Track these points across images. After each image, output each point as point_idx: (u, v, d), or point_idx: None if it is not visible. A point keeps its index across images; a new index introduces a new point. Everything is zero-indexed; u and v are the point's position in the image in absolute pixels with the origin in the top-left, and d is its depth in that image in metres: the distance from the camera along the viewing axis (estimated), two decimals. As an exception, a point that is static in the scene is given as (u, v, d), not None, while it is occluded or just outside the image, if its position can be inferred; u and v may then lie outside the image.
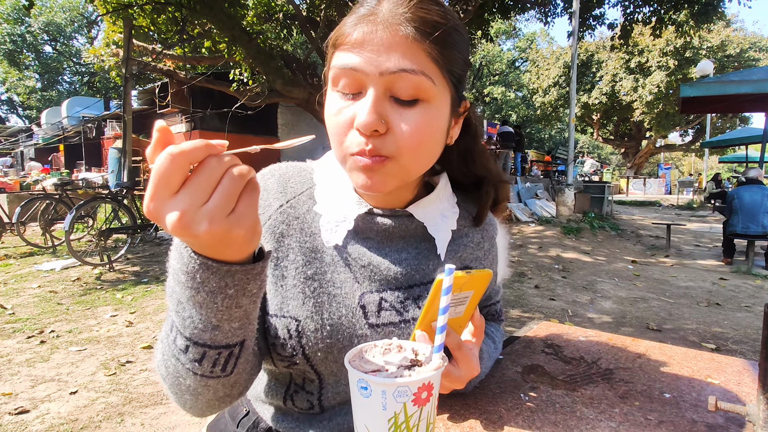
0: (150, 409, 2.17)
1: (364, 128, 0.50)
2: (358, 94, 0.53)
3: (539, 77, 22.70)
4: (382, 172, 0.53)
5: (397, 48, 0.50)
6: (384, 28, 0.50)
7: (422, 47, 0.51)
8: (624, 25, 8.76)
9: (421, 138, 0.53)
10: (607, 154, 45.31)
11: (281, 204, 0.63)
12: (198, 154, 0.36)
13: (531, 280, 4.79)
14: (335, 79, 0.54)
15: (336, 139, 0.55)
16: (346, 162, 0.55)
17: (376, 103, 0.51)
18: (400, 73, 0.50)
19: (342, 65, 0.52)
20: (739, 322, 3.53)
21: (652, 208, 15.00)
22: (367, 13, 0.52)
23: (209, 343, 0.46)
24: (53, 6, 26.46)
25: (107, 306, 3.73)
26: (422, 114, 0.52)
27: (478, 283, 0.51)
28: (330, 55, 0.56)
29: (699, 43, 18.03)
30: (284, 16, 9.19)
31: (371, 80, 0.51)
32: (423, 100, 0.52)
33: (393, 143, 0.52)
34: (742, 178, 5.85)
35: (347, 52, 0.52)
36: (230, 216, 0.37)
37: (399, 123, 0.52)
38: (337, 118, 0.54)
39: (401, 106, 0.52)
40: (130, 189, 5.56)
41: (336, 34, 0.54)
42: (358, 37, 0.51)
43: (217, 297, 0.42)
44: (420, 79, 0.51)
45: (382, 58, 0.50)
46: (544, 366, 0.80)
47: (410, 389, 0.42)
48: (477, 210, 0.70)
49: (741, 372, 0.79)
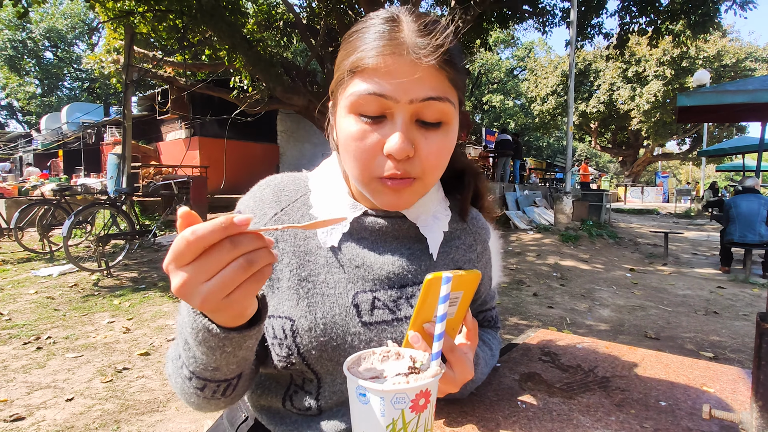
0: (146, 416, 2.16)
1: (398, 155, 0.53)
2: (381, 118, 0.54)
3: (537, 86, 22.86)
4: (408, 192, 0.57)
5: (424, 78, 0.53)
6: (409, 60, 0.52)
7: (445, 75, 0.54)
8: (621, 35, 8.85)
9: (442, 157, 0.58)
10: (605, 162, 45.49)
11: (276, 212, 0.65)
12: (213, 237, 0.37)
13: (529, 288, 4.79)
14: (356, 104, 0.54)
15: (360, 163, 0.56)
16: (371, 184, 0.57)
17: (406, 130, 0.54)
18: (428, 102, 0.53)
19: (369, 92, 0.53)
20: (737, 331, 3.53)
21: (650, 216, 15.04)
22: (388, 41, 0.53)
23: (210, 378, 0.51)
24: (54, 13, 26.59)
25: (104, 312, 3.72)
26: (444, 135, 0.57)
27: (467, 283, 0.52)
28: (347, 79, 0.56)
29: (696, 53, 18.21)
30: (284, 24, 9.26)
31: (399, 108, 0.53)
32: (445, 123, 0.56)
33: (419, 165, 0.56)
34: (739, 187, 5.87)
35: (372, 80, 0.53)
36: (224, 299, 0.39)
37: (424, 146, 0.55)
38: (363, 144, 0.55)
39: (426, 129, 0.55)
40: (128, 195, 5.56)
41: (354, 59, 0.54)
42: (383, 66, 0.52)
43: (216, 352, 0.47)
44: (444, 105, 0.55)
45: (411, 87, 0.52)
46: (541, 374, 0.81)
47: (408, 396, 0.43)
48: (461, 203, 0.73)
49: (736, 380, 0.80)
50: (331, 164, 0.70)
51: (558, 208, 8.15)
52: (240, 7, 7.61)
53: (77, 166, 15.27)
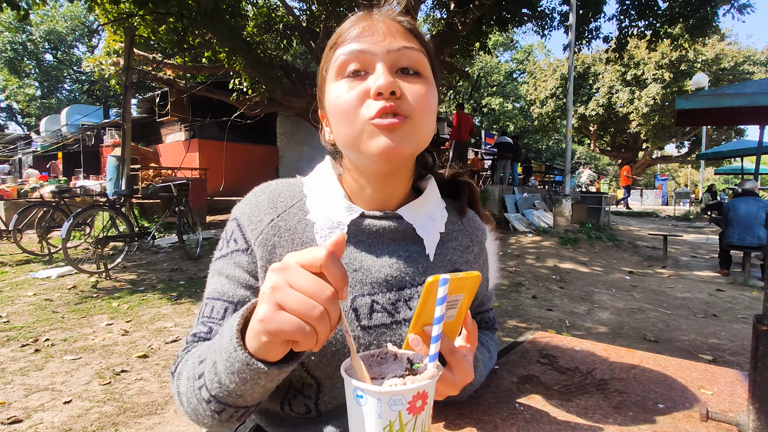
0: (144, 419, 2.15)
1: (386, 89, 0.56)
2: (365, 74, 0.59)
3: (536, 88, 22.91)
4: (402, 132, 0.58)
5: (396, 33, 0.60)
6: (382, 22, 0.60)
7: (414, 33, 0.62)
8: (620, 38, 8.88)
9: (427, 102, 0.60)
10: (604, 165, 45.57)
11: (272, 218, 0.65)
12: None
13: (528, 291, 4.78)
14: (341, 65, 0.59)
15: (351, 113, 0.58)
16: (364, 132, 0.58)
17: (388, 72, 0.58)
18: (404, 50, 0.59)
19: (349, 51, 0.59)
20: (736, 334, 3.53)
21: (649, 219, 15.05)
22: (361, 16, 0.62)
23: (231, 404, 0.51)
24: (55, 15, 26.62)
25: (103, 314, 3.71)
26: (423, 85, 0.60)
27: (467, 286, 0.52)
28: (330, 54, 0.62)
29: (694, 56, 18.27)
30: (284, 26, 9.29)
31: (378, 58, 0.58)
32: (422, 75, 0.61)
33: (407, 104, 0.58)
34: (739, 190, 5.88)
35: (351, 42, 0.59)
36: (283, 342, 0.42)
37: (407, 89, 0.59)
38: (351, 94, 0.58)
39: (406, 76, 0.60)
40: (128, 197, 5.56)
41: (334, 38, 0.63)
42: (359, 31, 0.60)
43: (247, 383, 0.47)
44: (419, 55, 0.60)
45: (386, 42, 0.59)
46: (539, 376, 0.81)
47: (405, 398, 0.43)
48: (459, 203, 0.76)
49: (734, 383, 0.80)
50: (325, 168, 0.71)
51: (557, 211, 8.15)
52: (240, 9, 7.63)
53: (76, 168, 15.26)
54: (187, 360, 0.58)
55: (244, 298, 0.63)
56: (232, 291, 0.63)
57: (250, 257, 0.63)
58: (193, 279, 4.87)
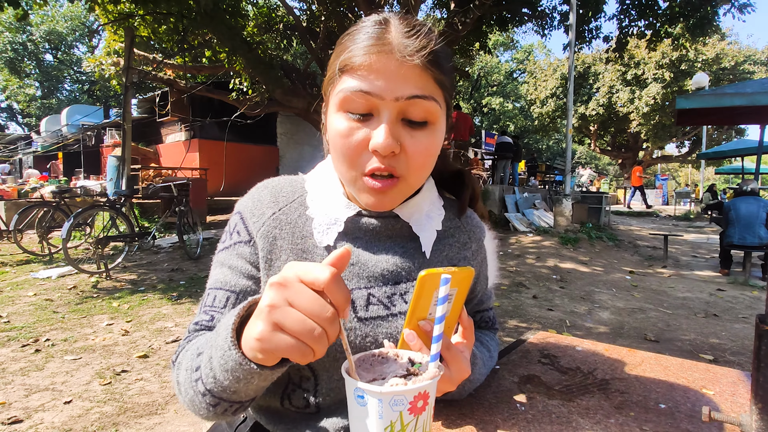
0: (145, 419, 2.15)
1: (383, 150, 0.54)
2: (368, 116, 0.56)
3: (537, 88, 22.90)
4: (391, 193, 0.58)
5: (410, 77, 0.55)
6: (396, 59, 0.54)
7: (430, 75, 0.56)
8: (620, 38, 8.87)
9: (428, 156, 0.59)
10: (605, 165, 45.55)
11: (274, 212, 0.67)
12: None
13: (529, 291, 4.78)
14: (345, 101, 0.56)
15: (347, 160, 0.57)
16: (356, 182, 0.59)
17: (391, 127, 0.55)
18: (414, 100, 0.55)
19: (356, 89, 0.55)
20: (737, 333, 3.53)
21: (649, 218, 15.05)
22: (376, 41, 0.55)
23: (225, 398, 0.51)
24: (55, 15, 26.63)
25: (103, 314, 3.71)
26: (430, 135, 0.58)
27: (461, 280, 0.52)
28: (337, 77, 0.58)
29: (694, 56, 18.26)
30: (284, 26, 9.28)
31: (385, 105, 0.55)
32: (431, 123, 0.58)
33: (404, 163, 0.57)
34: (747, 188, 5.86)
35: (360, 78, 0.55)
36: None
37: (410, 144, 0.56)
38: (349, 140, 0.56)
39: (412, 128, 0.57)
40: (128, 197, 5.56)
41: (344, 58, 0.56)
42: (370, 64, 0.54)
43: (240, 382, 0.47)
44: (430, 104, 0.56)
45: (397, 85, 0.54)
46: (540, 376, 0.81)
47: (406, 398, 0.43)
48: (459, 202, 0.75)
49: (736, 383, 0.79)
50: (326, 166, 0.72)
51: (557, 211, 8.15)
52: (240, 9, 7.63)
53: (77, 168, 15.27)
54: (187, 350, 0.59)
55: (246, 288, 0.65)
56: (235, 280, 0.65)
57: (253, 248, 0.65)
58: (193, 279, 4.87)
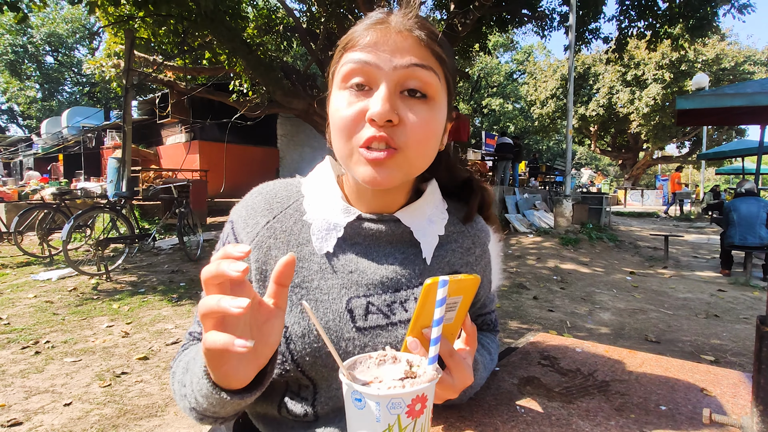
0: (145, 421, 2.15)
1: (380, 118, 0.53)
2: (369, 90, 0.56)
3: (537, 89, 22.92)
4: (390, 165, 0.56)
5: (409, 48, 0.55)
6: (396, 32, 0.56)
7: (431, 48, 0.57)
8: (620, 38, 8.88)
9: (428, 131, 0.57)
10: (605, 166, 45.55)
11: (268, 220, 0.65)
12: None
13: (529, 292, 4.78)
14: (346, 75, 0.56)
15: (345, 132, 0.56)
16: (353, 156, 0.57)
17: (389, 96, 0.54)
18: (412, 68, 0.55)
19: (356, 59, 0.55)
20: (738, 334, 3.52)
21: (649, 219, 15.04)
22: (377, 21, 0.57)
23: (208, 415, 0.53)
24: (55, 17, 26.69)
25: (103, 316, 3.71)
26: (429, 109, 0.57)
27: (466, 288, 0.52)
28: (339, 56, 0.59)
29: (694, 56, 18.26)
30: (284, 28, 9.30)
31: (384, 75, 0.54)
32: (430, 97, 0.57)
33: (402, 134, 0.55)
34: (742, 190, 5.86)
35: (360, 51, 0.56)
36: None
37: (408, 115, 0.55)
38: (348, 111, 0.56)
39: (411, 99, 0.56)
40: (128, 199, 5.56)
41: (346, 38, 0.58)
42: (371, 39, 0.55)
43: (217, 406, 0.50)
44: (429, 74, 0.56)
45: (395, 55, 0.55)
46: (540, 378, 0.80)
47: (404, 401, 0.42)
48: (466, 210, 0.73)
49: (737, 384, 0.79)
50: (324, 169, 0.70)
51: (558, 212, 8.14)
52: (240, 11, 7.64)
53: (77, 170, 15.29)
54: (180, 362, 0.60)
55: None
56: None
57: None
58: (193, 281, 4.87)
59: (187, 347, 0.65)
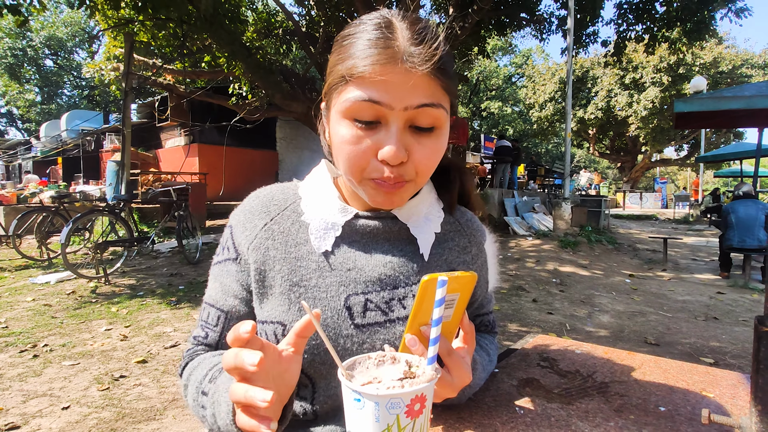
0: (143, 424, 2.14)
1: (393, 161, 0.54)
2: (376, 123, 0.55)
3: (535, 92, 22.98)
4: (401, 192, 0.59)
5: (418, 86, 0.54)
6: (403, 69, 0.53)
7: (438, 83, 0.56)
8: (617, 42, 8.91)
9: (435, 160, 0.59)
10: (604, 168, 45.63)
11: (266, 222, 0.66)
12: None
13: (528, 294, 4.77)
14: (351, 110, 0.55)
15: (355, 167, 0.57)
16: (364, 184, 0.58)
17: (400, 137, 0.55)
18: (422, 108, 0.55)
19: (364, 98, 0.53)
20: (737, 337, 3.52)
21: (648, 222, 15.05)
22: (383, 50, 0.53)
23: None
24: (55, 21, 26.73)
25: (102, 319, 3.70)
26: (436, 140, 0.58)
27: (463, 285, 0.52)
28: (341, 85, 0.56)
29: (692, 59, 18.33)
30: (284, 31, 9.33)
31: (394, 114, 0.54)
32: (437, 128, 0.58)
33: (412, 169, 0.57)
34: (739, 192, 5.88)
35: (367, 88, 0.53)
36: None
37: (418, 150, 0.56)
38: (357, 148, 0.56)
39: (420, 134, 0.57)
40: (127, 202, 5.55)
41: (349, 65, 0.54)
42: (377, 73, 0.53)
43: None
44: (438, 111, 0.56)
45: (405, 95, 0.53)
46: (539, 379, 0.80)
47: (403, 401, 0.42)
48: (447, 198, 0.73)
49: (736, 385, 0.79)
50: (320, 171, 0.71)
51: (557, 214, 8.15)
52: (239, 15, 7.67)
53: (76, 173, 15.28)
54: (192, 376, 0.61)
55: (232, 308, 0.66)
56: (223, 300, 0.66)
57: (240, 266, 0.66)
58: (192, 284, 4.86)
59: (193, 353, 0.67)
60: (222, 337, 0.67)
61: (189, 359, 0.66)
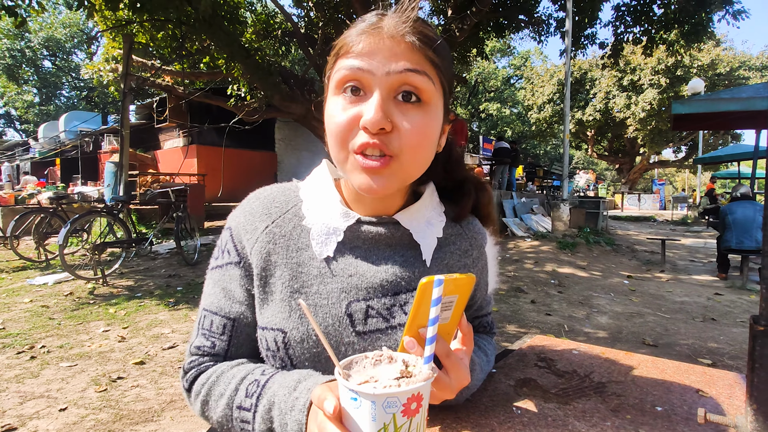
0: (141, 426, 2.13)
1: (372, 126, 0.53)
2: (363, 96, 0.55)
3: (534, 94, 23.04)
4: (385, 174, 0.56)
5: (403, 53, 0.55)
6: (390, 38, 0.55)
7: (424, 53, 0.56)
8: (615, 44, 8.94)
9: (422, 137, 0.56)
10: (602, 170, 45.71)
11: (267, 225, 0.65)
12: None
13: (527, 295, 4.78)
14: (340, 81, 0.56)
15: (339, 138, 0.56)
16: (347, 162, 0.57)
17: (382, 103, 0.54)
18: (406, 73, 0.54)
19: (349, 66, 0.55)
20: (735, 338, 3.53)
21: (647, 223, 15.08)
22: (371, 26, 0.56)
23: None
24: (53, 22, 26.70)
25: (99, 321, 3.69)
26: (423, 114, 0.56)
27: (461, 287, 0.52)
28: (333, 62, 0.59)
29: (690, 62, 18.39)
30: (282, 33, 9.33)
31: (377, 81, 0.54)
32: (424, 101, 0.56)
33: (397, 141, 0.55)
34: (736, 194, 5.89)
35: (354, 57, 0.55)
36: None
37: (402, 121, 0.55)
38: (342, 117, 0.56)
39: (405, 104, 0.55)
40: (125, 203, 5.55)
41: (339, 44, 0.58)
42: (364, 46, 0.55)
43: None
44: (423, 79, 0.55)
45: (389, 61, 0.54)
46: (536, 379, 0.80)
47: (399, 400, 0.42)
48: (459, 209, 0.72)
49: (732, 385, 0.79)
50: (321, 172, 0.70)
51: (555, 216, 8.16)
52: (238, 16, 7.68)
53: (74, 174, 15.25)
54: (213, 388, 0.61)
55: (239, 314, 0.64)
56: (229, 307, 0.64)
57: (243, 270, 0.65)
58: (190, 285, 4.85)
59: (201, 365, 0.64)
60: (231, 345, 0.64)
61: (198, 372, 0.63)
